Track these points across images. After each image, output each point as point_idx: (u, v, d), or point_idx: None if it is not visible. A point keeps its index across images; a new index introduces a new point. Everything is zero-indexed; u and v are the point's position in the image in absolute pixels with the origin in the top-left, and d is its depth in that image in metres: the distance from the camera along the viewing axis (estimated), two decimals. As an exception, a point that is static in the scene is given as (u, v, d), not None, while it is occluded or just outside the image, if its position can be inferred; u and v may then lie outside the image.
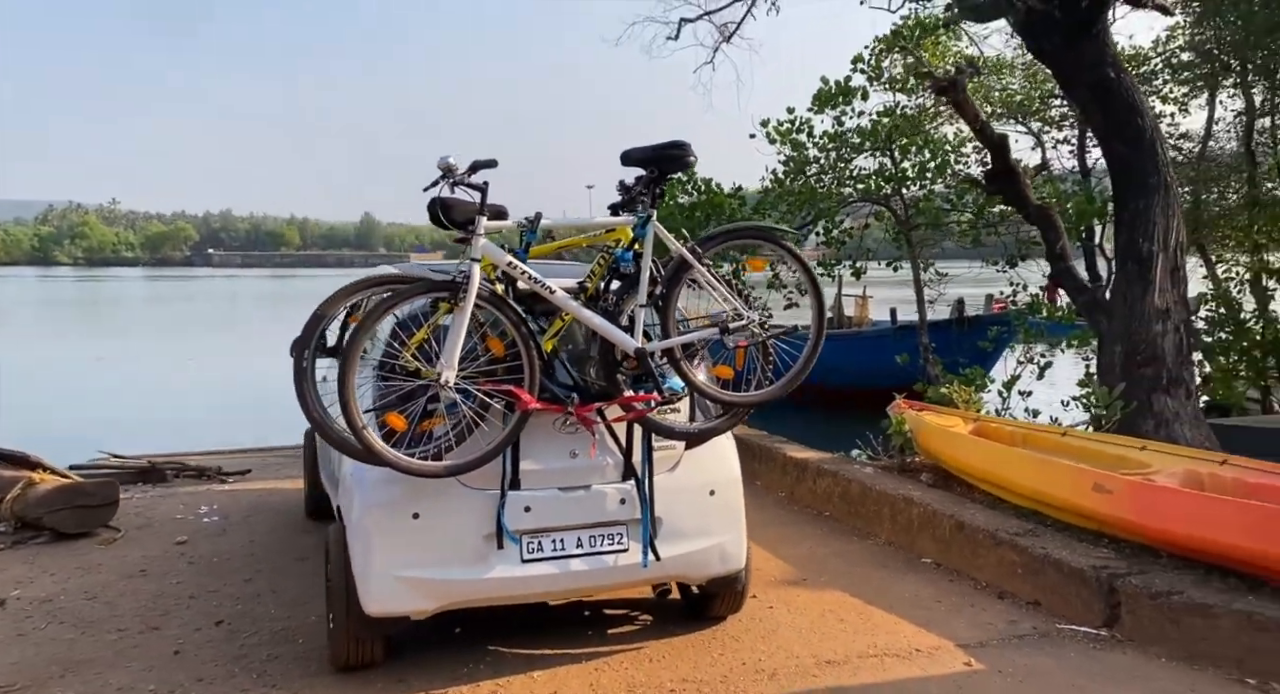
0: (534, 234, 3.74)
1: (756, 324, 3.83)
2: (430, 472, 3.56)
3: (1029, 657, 4.01)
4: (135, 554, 5.62)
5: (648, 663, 4.06)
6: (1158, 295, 7.27)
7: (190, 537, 5.95)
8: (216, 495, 7.12)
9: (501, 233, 3.78)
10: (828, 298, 6.31)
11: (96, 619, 4.60)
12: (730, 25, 14.31)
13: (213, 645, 4.27)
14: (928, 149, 11.54)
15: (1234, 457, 5.01)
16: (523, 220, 3.77)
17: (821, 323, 3.96)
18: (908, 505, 5.59)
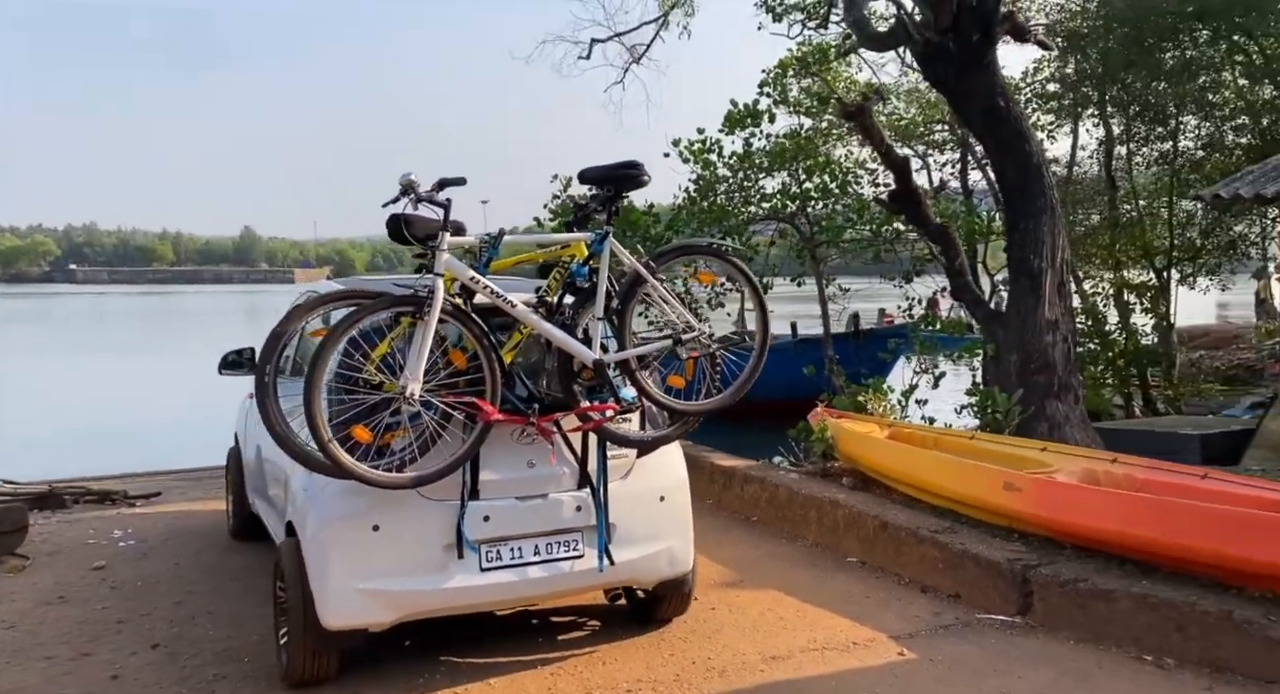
0: (496, 249, 3.84)
1: (706, 336, 4.02)
2: (397, 483, 3.60)
3: (954, 645, 4.31)
4: (49, 581, 5.38)
5: (601, 666, 4.18)
6: (1047, 308, 7.87)
7: (108, 562, 5.73)
8: (129, 519, 6.85)
9: (464, 248, 3.86)
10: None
11: (20, 648, 4.40)
12: (640, 47, 14.67)
13: (153, 668, 4.16)
14: (827, 172, 12.10)
15: (1123, 455, 5.49)
16: (485, 236, 3.87)
17: (766, 334, 4.19)
18: (833, 508, 5.88)
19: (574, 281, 3.98)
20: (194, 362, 11.81)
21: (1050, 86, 17.95)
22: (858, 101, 8.77)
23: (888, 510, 5.63)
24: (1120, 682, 3.87)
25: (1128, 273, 16.99)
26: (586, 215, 4.06)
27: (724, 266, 4.15)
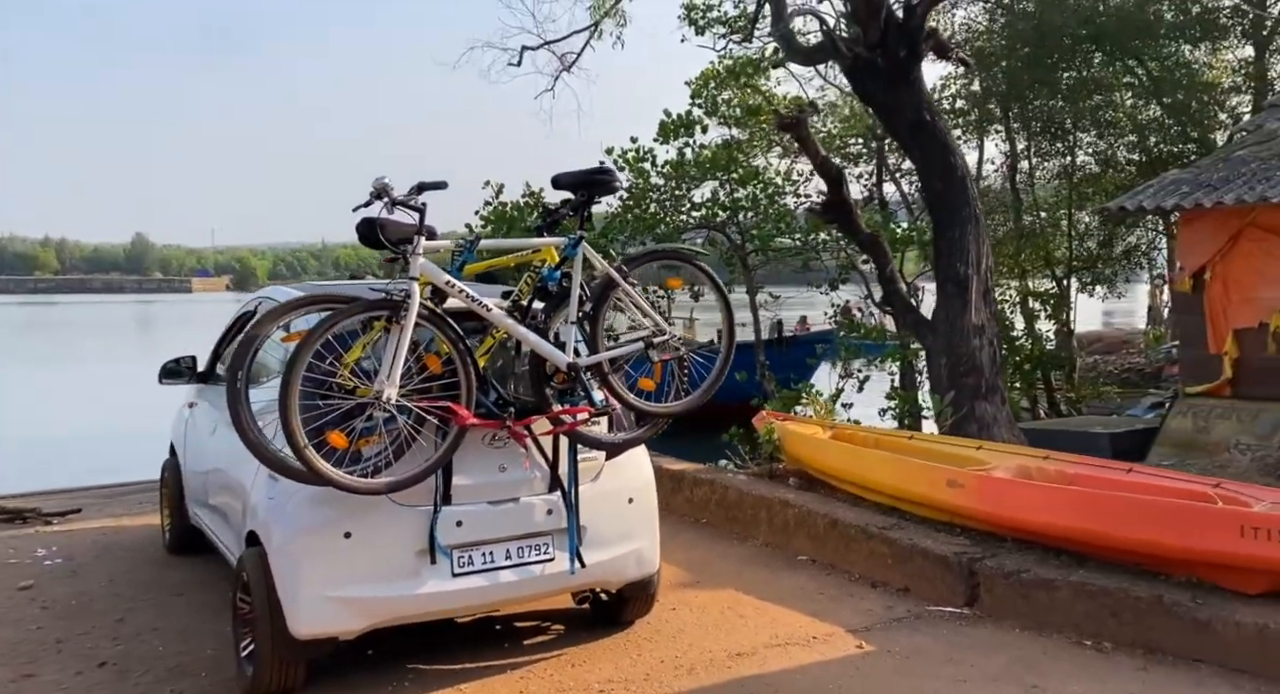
0: (471, 254, 3.84)
1: (676, 339, 4.10)
2: (373, 489, 3.57)
3: (909, 637, 4.49)
4: (-27, 602, 5.10)
5: (570, 668, 4.20)
6: (974, 314, 8.22)
7: (35, 581, 5.46)
8: (51, 537, 6.52)
9: (439, 252, 3.85)
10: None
11: (-44, 671, 4.17)
12: (571, 55, 14.71)
13: (104, 687, 4.02)
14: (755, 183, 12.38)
15: (1054, 452, 5.81)
16: (460, 241, 3.87)
17: (731, 337, 4.29)
18: (784, 507, 6.03)
19: (545, 286, 4.01)
20: (94, 374, 11.29)
21: (958, 103, 18.70)
22: (794, 114, 9.00)
23: (836, 509, 5.81)
24: (1063, 665, 4.10)
25: (1032, 281, 17.85)
26: (557, 220, 4.10)
27: (692, 272, 4.25)
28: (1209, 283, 9.65)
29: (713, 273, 4.29)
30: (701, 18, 15.00)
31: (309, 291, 4.62)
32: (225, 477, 4.64)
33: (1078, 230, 19.29)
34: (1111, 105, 17.70)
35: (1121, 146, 18.57)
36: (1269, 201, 8.76)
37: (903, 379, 13.53)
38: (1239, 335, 9.40)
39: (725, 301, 4.29)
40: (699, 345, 4.25)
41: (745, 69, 12.91)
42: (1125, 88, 17.76)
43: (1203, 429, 9.61)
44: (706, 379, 4.27)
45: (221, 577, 5.47)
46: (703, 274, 4.23)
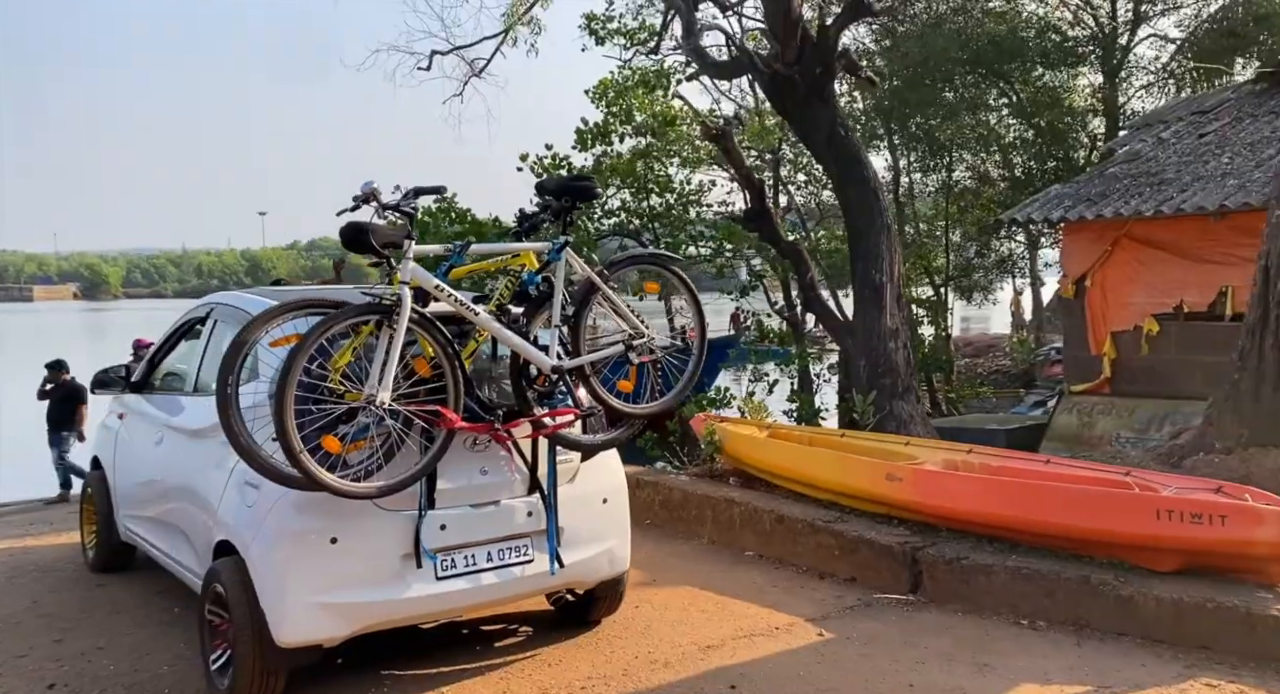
0: (461, 257, 3.86)
1: (653, 342, 4.23)
2: (366, 494, 3.55)
3: (864, 623, 4.75)
4: (-113, 627, 4.73)
5: (548, 667, 4.26)
6: (889, 318, 8.68)
7: (-49, 603, 5.10)
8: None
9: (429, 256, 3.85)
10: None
11: (-113, 700, 3.89)
12: (480, 61, 14.64)
13: (61, 709, 3.82)
14: (669, 191, 12.65)
15: (976, 446, 6.22)
16: (450, 245, 3.88)
17: (703, 340, 4.45)
18: (729, 505, 6.23)
19: (524, 290, 4.07)
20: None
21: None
22: (721, 126, 9.27)
23: (782, 505, 6.05)
24: (1006, 644, 4.43)
25: (915, 289, 18.81)
26: (535, 225, 4.16)
27: (667, 277, 4.38)
28: (1089, 289, 10.47)
29: (687, 278, 4.44)
30: (602, 28, 15.19)
31: (268, 296, 4.55)
32: (179, 487, 4.48)
33: (955, 242, 20.49)
34: (984, 125, 18.86)
35: (994, 163, 19.84)
36: (1142, 215, 9.59)
37: (801, 382, 14.07)
38: (1116, 338, 10.24)
39: (698, 306, 4.44)
40: (673, 347, 4.37)
41: (661, 80, 13.17)
42: (998, 109, 18.99)
43: (1087, 424, 10.41)
44: (680, 380, 4.41)
45: (160, 591, 5.28)
46: (678, 279, 4.37)
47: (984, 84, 18.41)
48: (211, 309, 4.87)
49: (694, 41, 11.98)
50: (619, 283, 4.26)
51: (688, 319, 4.43)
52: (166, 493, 4.62)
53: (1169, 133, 11.94)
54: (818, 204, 19.63)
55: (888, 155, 19.57)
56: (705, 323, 4.46)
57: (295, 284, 11.71)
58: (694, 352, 4.44)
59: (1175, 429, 7.81)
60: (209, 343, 4.75)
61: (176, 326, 5.32)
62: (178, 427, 4.60)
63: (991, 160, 19.76)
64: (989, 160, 19.78)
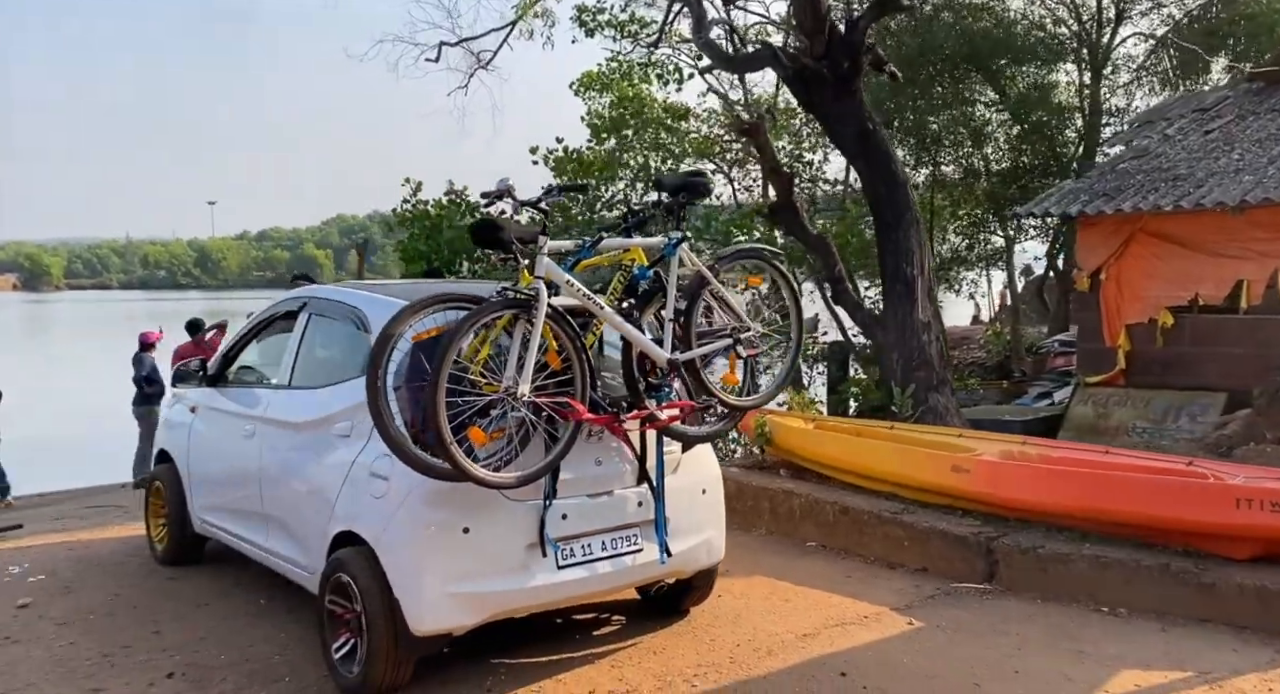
0: (589, 252, 3.91)
1: (760, 335, 4.30)
2: (507, 484, 3.59)
3: (949, 612, 4.86)
4: (-27, 622, 4.69)
5: (653, 655, 4.33)
6: (920, 311, 8.80)
7: (33, 598, 5.05)
8: (13, 555, 6.02)
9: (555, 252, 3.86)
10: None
11: (9, 691, 3.86)
12: (487, 53, 14.58)
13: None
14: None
15: (1030, 438, 6.36)
16: (581, 240, 3.93)
17: (800, 334, 4.53)
18: (788, 497, 6.33)
19: (635, 284, 4.12)
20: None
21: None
22: (754, 120, 9.33)
23: (843, 496, 6.15)
24: (1093, 630, 4.57)
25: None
26: (642, 221, 4.20)
27: (769, 270, 4.45)
28: (1104, 282, 10.67)
29: (787, 273, 4.51)
30: (592, 19, 15.18)
31: (357, 288, 4.60)
32: (280, 480, 4.48)
33: (945, 235, 20.73)
34: (975, 120, 19.09)
35: (985, 158, 20.10)
36: (1161, 210, 9.80)
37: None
38: (1131, 330, 10.47)
39: (796, 299, 4.51)
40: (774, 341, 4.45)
41: (673, 74, 13.22)
42: (990, 105, 19.23)
43: (1103, 415, 10.63)
44: (780, 373, 4.49)
45: (237, 584, 5.29)
46: (778, 273, 4.44)
47: (975, 79, 18.63)
48: (305, 303, 4.86)
49: (705, 35, 12.03)
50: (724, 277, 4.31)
51: (787, 312, 4.50)
52: (262, 485, 4.62)
53: (1173, 129, 12.17)
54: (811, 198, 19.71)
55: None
56: (804, 316, 4.53)
57: (317, 279, 11.64)
58: (793, 344, 4.51)
59: (1221, 419, 8.02)
60: (304, 336, 4.75)
61: (257, 322, 5.30)
62: (277, 419, 4.59)
63: (979, 155, 20.02)
64: (977, 155, 20.04)
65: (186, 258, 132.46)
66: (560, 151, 13.10)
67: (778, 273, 4.44)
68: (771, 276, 4.46)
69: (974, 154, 19.98)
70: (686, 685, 3.97)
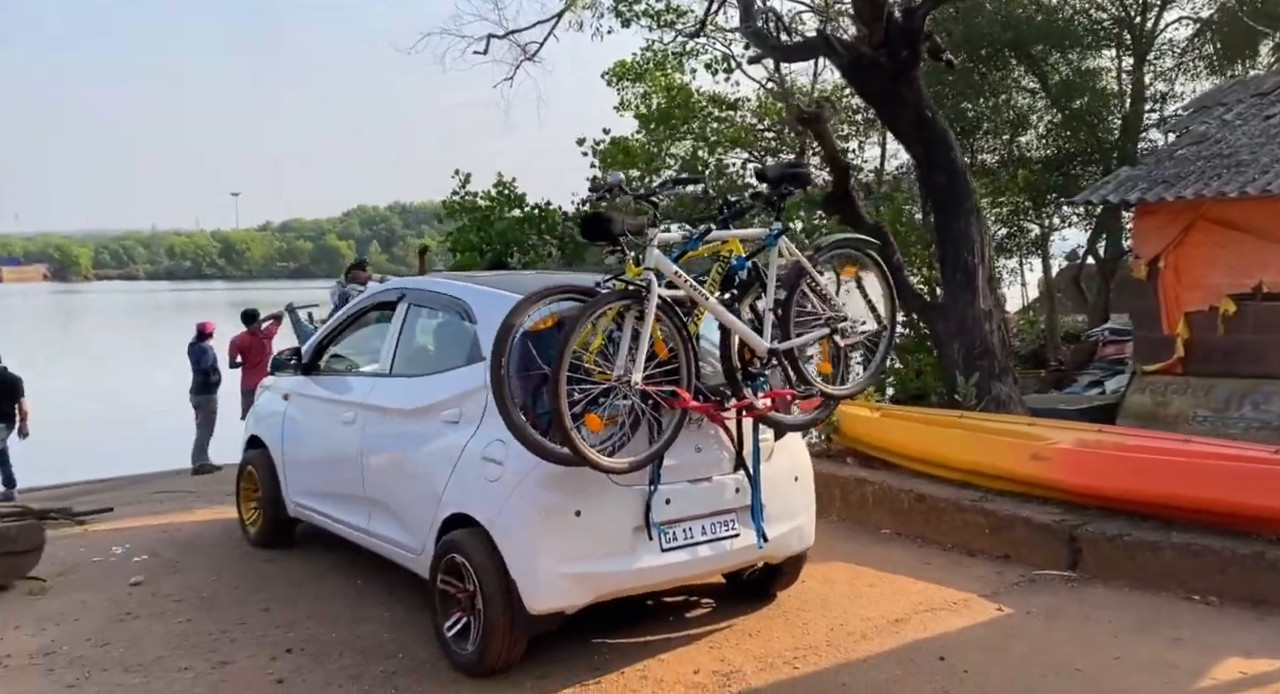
0: (696, 244, 3.99)
1: (856, 325, 4.36)
2: (620, 469, 3.70)
3: (1037, 599, 4.90)
4: (95, 599, 4.89)
5: (749, 637, 4.42)
6: (982, 300, 8.79)
7: (144, 577, 5.24)
8: (107, 537, 6.21)
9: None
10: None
11: (141, 663, 4.06)
12: (534, 44, 14.68)
13: (308, 670, 4.00)
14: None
15: (1105, 426, 6.36)
16: (688, 232, 4.01)
17: (895, 323, 4.58)
18: (860, 485, 6.39)
19: (732, 275, 4.19)
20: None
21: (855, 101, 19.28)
22: (814, 109, 9.34)
23: (918, 484, 6.20)
24: (1186, 617, 4.60)
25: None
26: (740, 212, 4.27)
27: (864, 260, 4.50)
28: (1162, 270, 10.57)
29: (882, 262, 4.56)
30: (629, 9, 15.17)
31: (456, 280, 4.72)
32: (385, 464, 4.62)
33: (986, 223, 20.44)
34: (1016, 108, 18.88)
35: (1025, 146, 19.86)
36: (1225, 196, 9.69)
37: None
38: (1190, 318, 10.36)
39: (890, 289, 4.56)
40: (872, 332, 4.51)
41: (721, 63, 13.25)
42: (1032, 92, 19.00)
43: (1161, 403, 10.55)
44: (874, 362, 4.55)
45: (331, 565, 5.44)
46: (873, 262, 4.50)
47: (1016, 67, 18.41)
48: (403, 294, 4.97)
49: (753, 24, 12.02)
50: (822, 267, 4.37)
51: (880, 301, 4.56)
52: (364, 470, 4.75)
53: (1231, 115, 12.00)
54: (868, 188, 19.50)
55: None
56: (898, 305, 4.58)
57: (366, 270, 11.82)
58: (886, 333, 4.57)
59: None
60: (403, 326, 4.87)
61: (351, 313, 5.43)
62: (380, 406, 4.71)
63: (1019, 142, 19.79)
64: (1017, 142, 19.82)
65: (211, 248, 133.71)
66: (607, 142, 13.19)
67: (873, 262, 4.49)
68: (866, 266, 4.51)
69: (1013, 142, 19.80)
70: (788, 668, 4.06)
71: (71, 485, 10.04)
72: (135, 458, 12.06)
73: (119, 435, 16.39)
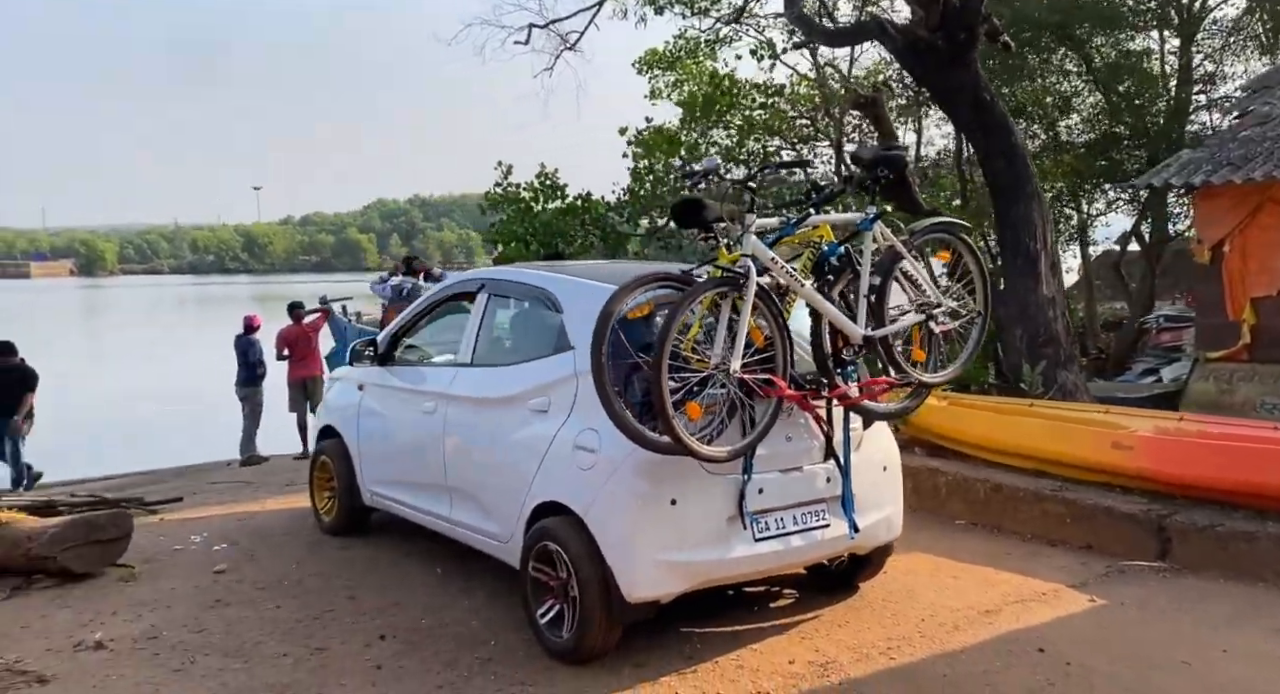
0: (793, 230, 3.94)
1: (950, 311, 4.28)
2: (721, 457, 3.66)
3: (1128, 590, 4.80)
4: (184, 587, 4.95)
5: (839, 628, 4.37)
6: (1045, 286, 8.64)
7: (228, 565, 5.30)
8: (185, 525, 6.29)
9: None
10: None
11: (239, 648, 4.11)
12: (575, 33, 14.63)
13: (404, 656, 4.02)
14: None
15: (1185, 413, 6.22)
16: (785, 218, 3.96)
17: (988, 308, 4.49)
18: (932, 474, 6.30)
19: (823, 261, 4.12)
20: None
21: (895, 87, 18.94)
22: (871, 94, 9.22)
23: (993, 474, 6.11)
24: (1284, 607, 4.48)
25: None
26: (830, 197, 4.20)
27: (956, 244, 4.42)
28: (1227, 254, 10.31)
29: (975, 246, 4.48)
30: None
31: (538, 270, 4.70)
32: (469, 453, 4.61)
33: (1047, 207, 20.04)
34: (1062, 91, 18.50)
35: (1070, 129, 19.46)
36: (1296, 178, 9.42)
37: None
38: (1257, 303, 10.11)
39: (983, 273, 4.47)
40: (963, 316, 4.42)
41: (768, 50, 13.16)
42: (1078, 75, 18.61)
43: (1226, 390, 10.33)
44: (967, 348, 4.46)
45: (408, 553, 5.46)
46: (965, 246, 4.41)
47: (1064, 48, 18.04)
48: (483, 284, 4.96)
49: (798, 9, 11.86)
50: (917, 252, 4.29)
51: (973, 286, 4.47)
52: (446, 458, 4.75)
53: (1295, 95, 11.67)
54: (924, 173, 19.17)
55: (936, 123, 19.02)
56: (990, 290, 4.49)
57: (417, 263, 11.86)
58: (979, 318, 4.48)
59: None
60: (484, 316, 4.86)
61: (427, 304, 5.43)
62: (462, 396, 4.70)
63: (1061, 127, 19.40)
64: (1061, 126, 19.43)
65: (234, 243, 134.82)
66: (651, 130, 13.15)
67: (965, 247, 4.41)
68: (958, 250, 4.42)
69: (1054, 127, 19.42)
70: (884, 658, 4.01)
71: (118, 477, 10.14)
72: (164, 449, 12.30)
73: (158, 426, 16.64)
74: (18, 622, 4.45)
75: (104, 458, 12.01)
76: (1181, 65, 18.02)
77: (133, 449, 13.46)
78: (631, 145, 13.29)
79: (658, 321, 3.91)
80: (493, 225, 14.00)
